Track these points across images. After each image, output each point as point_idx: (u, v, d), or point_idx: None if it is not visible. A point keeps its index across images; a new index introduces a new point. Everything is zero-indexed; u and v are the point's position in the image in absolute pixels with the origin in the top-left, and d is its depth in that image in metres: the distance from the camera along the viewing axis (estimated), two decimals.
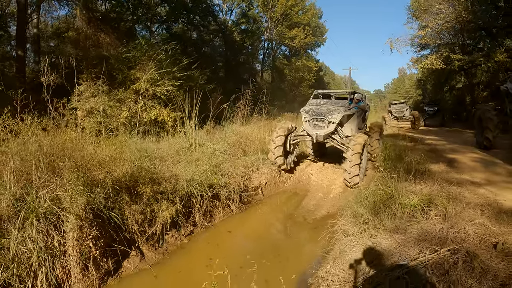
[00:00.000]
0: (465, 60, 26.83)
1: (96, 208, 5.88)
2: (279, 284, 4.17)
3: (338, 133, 11.80)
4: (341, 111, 11.55)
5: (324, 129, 11.44)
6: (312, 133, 11.69)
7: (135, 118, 13.11)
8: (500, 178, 9.29)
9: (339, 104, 12.41)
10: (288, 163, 12.54)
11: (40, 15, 23.20)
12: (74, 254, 5.37)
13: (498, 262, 4.33)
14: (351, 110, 12.28)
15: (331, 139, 11.86)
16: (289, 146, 12.48)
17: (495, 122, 13.36)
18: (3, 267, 4.72)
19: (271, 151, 12.03)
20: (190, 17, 30.74)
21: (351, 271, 4.90)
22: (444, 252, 4.49)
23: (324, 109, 11.77)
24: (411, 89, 70.79)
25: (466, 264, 4.22)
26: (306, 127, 11.98)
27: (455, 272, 4.07)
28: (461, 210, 6.09)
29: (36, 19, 22.18)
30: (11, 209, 5.36)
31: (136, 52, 15.53)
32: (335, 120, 11.34)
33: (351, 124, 12.55)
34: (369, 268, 4.77)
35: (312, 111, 11.78)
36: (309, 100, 13.46)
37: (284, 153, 12.13)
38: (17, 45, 18.95)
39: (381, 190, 7.02)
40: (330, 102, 12.96)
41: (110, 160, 7.18)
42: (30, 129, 6.69)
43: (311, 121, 11.68)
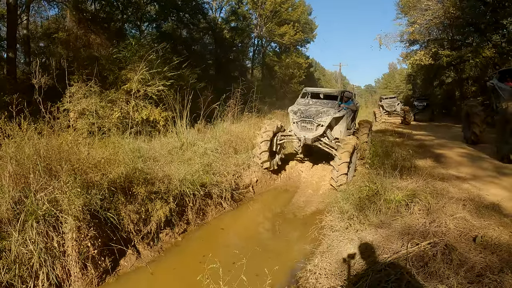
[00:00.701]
0: (453, 56, 27.02)
1: (93, 209, 6.04)
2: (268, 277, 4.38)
3: (327, 136, 11.39)
4: (330, 113, 11.10)
5: (312, 132, 11.09)
6: (300, 136, 11.28)
7: (127, 118, 13.20)
8: (485, 173, 9.57)
9: (329, 104, 11.88)
10: (273, 163, 12.05)
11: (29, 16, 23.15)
12: (73, 254, 5.53)
13: (476, 254, 4.58)
14: (340, 111, 11.77)
15: (319, 142, 11.39)
16: (275, 146, 12.04)
17: (482, 118, 13.65)
18: (5, 268, 4.89)
19: (256, 145, 11.62)
20: (180, 15, 30.78)
21: (338, 264, 5.11)
22: (425, 245, 4.75)
23: (313, 111, 11.31)
24: (402, 84, 70.99)
25: (444, 256, 4.48)
26: (294, 129, 11.56)
27: (433, 264, 4.33)
28: (444, 205, 6.34)
29: (26, 20, 22.14)
30: (11, 212, 5.51)
31: (126, 52, 15.62)
32: (324, 122, 10.95)
33: (340, 126, 11.96)
34: (355, 261, 5.00)
35: (301, 112, 11.35)
36: (297, 99, 13.00)
37: (269, 151, 11.64)
38: (7, 47, 18.85)
39: (367, 187, 7.24)
40: (319, 102, 12.39)
41: (106, 162, 7.35)
42: (27, 133, 6.83)
43: (299, 122, 11.32)
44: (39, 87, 8.08)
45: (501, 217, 6.00)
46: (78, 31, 19.61)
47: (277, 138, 12.06)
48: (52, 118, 8.01)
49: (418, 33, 29.62)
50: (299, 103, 12.46)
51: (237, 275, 4.34)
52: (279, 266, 4.91)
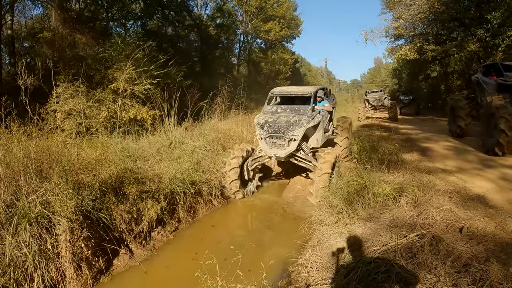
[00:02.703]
0: (438, 51, 27.16)
1: (85, 210, 6.09)
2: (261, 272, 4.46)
3: (302, 149, 10.20)
4: (303, 124, 9.70)
5: (284, 148, 9.69)
6: (270, 154, 9.95)
7: (114, 117, 13.21)
8: (471, 166, 9.74)
9: (300, 111, 10.37)
10: (247, 191, 10.76)
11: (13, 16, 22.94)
12: (67, 256, 5.57)
13: (463, 244, 4.72)
14: (315, 118, 10.33)
15: (294, 158, 10.14)
16: (247, 173, 10.75)
17: (466, 111, 13.89)
18: (0, 272, 4.93)
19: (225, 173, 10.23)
20: (165, 12, 30.78)
21: (328, 258, 5.22)
22: (413, 237, 4.88)
23: (283, 122, 9.83)
24: (387, 78, 71.18)
25: (432, 247, 4.61)
26: (263, 146, 10.14)
27: (421, 255, 4.46)
28: (431, 198, 6.48)
29: (10, 20, 21.94)
30: (3, 216, 5.53)
31: (112, 52, 15.64)
32: (297, 136, 9.55)
33: (317, 134, 10.62)
34: (345, 254, 5.12)
35: (268, 126, 9.88)
36: (264, 107, 11.41)
37: (241, 179, 10.45)
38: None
39: (355, 181, 7.36)
40: (289, 108, 10.73)
41: (96, 162, 7.39)
42: (16, 136, 6.84)
43: (267, 138, 9.88)
44: (25, 88, 8.10)
45: (486, 208, 6.15)
46: (64, 30, 19.48)
47: (247, 164, 10.75)
48: (40, 120, 8.02)
49: (403, 28, 29.75)
50: (266, 112, 10.89)
51: (231, 270, 4.43)
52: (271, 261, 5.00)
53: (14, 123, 7.23)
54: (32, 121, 7.96)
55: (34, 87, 9.05)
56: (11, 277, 4.99)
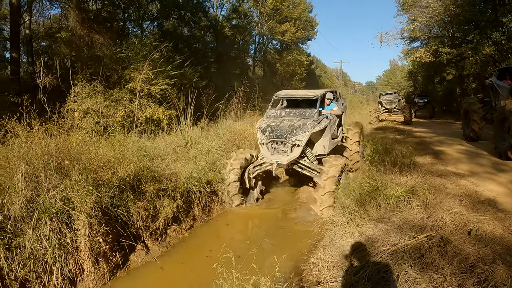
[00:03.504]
0: (453, 54, 27.11)
1: (104, 206, 6.30)
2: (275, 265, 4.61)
3: (307, 155, 9.62)
4: (308, 128, 9.04)
5: (287, 155, 9.10)
6: (271, 160, 9.38)
7: (130, 117, 13.43)
8: (483, 169, 9.76)
9: (306, 115, 9.74)
10: (251, 200, 10.32)
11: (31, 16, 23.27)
12: (86, 250, 5.78)
13: (470, 246, 4.81)
14: (321, 123, 9.65)
15: (297, 165, 9.57)
16: (248, 181, 10.19)
17: (480, 115, 13.86)
18: (21, 264, 5.14)
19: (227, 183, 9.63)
20: (181, 13, 30.86)
21: (339, 257, 5.35)
22: (421, 238, 4.99)
23: (286, 127, 9.21)
24: (403, 81, 70.70)
25: (440, 248, 4.72)
26: (264, 152, 9.60)
27: (429, 255, 4.58)
28: (441, 200, 6.57)
29: (28, 20, 22.28)
30: (24, 210, 5.75)
31: (130, 52, 15.85)
32: (300, 142, 8.92)
33: (323, 139, 9.91)
34: (355, 254, 5.24)
35: (270, 130, 9.28)
36: (267, 111, 10.75)
37: (241, 189, 9.90)
38: (11, 47, 19.04)
39: (367, 183, 7.47)
40: (293, 112, 10.10)
41: (115, 161, 7.60)
42: (37, 133, 7.05)
43: (269, 144, 9.31)
44: (43, 87, 8.26)
45: (496, 212, 6.24)
46: (81, 31, 19.76)
47: (249, 172, 10.22)
48: (60, 118, 8.22)
49: (418, 30, 29.73)
50: (269, 116, 10.32)
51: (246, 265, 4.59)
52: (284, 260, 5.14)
53: (35, 121, 7.42)
54: (52, 119, 8.16)
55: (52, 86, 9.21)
56: (30, 269, 5.19)
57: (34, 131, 7.03)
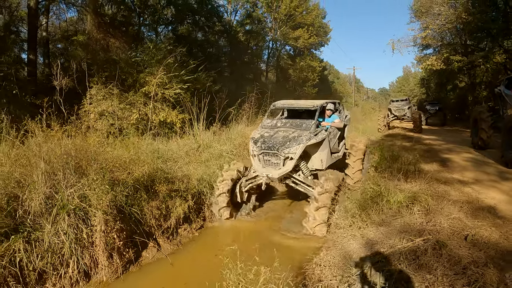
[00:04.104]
0: (464, 61, 27.16)
1: (119, 205, 6.64)
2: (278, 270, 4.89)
3: (301, 170, 8.87)
4: (303, 140, 8.35)
5: (278, 168, 8.35)
6: (261, 173, 8.61)
7: (144, 120, 13.77)
8: (488, 178, 9.88)
9: (302, 126, 9.05)
10: (243, 213, 9.63)
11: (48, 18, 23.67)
12: (101, 245, 6.11)
13: (465, 250, 5.08)
14: (319, 135, 8.97)
15: (291, 179, 8.85)
16: (240, 194, 9.42)
17: (489, 123, 13.93)
18: (39, 256, 5.49)
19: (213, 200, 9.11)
20: (196, 18, 31.08)
21: (341, 257, 5.59)
22: (418, 241, 5.27)
23: (280, 138, 8.54)
24: (416, 88, 70.27)
25: (435, 251, 5.01)
26: (255, 165, 8.81)
27: (424, 257, 4.88)
28: (442, 207, 6.83)
29: (45, 23, 22.68)
30: (43, 206, 6.10)
31: (144, 56, 16.17)
32: (293, 154, 8.19)
33: (321, 153, 9.16)
34: (356, 255, 5.51)
35: (263, 141, 8.57)
36: (263, 121, 10.15)
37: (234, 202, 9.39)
38: (28, 49, 19.37)
39: (371, 189, 7.71)
40: (290, 123, 9.40)
41: (130, 162, 7.95)
42: (56, 134, 7.39)
43: (260, 156, 8.57)
44: (60, 89, 8.67)
45: (494, 218, 6.47)
46: (98, 34, 20.16)
47: (241, 185, 9.44)
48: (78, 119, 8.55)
49: (430, 38, 29.81)
50: (264, 126, 9.65)
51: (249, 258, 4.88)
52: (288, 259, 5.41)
53: (55, 122, 7.76)
54: (70, 120, 8.49)
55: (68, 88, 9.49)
56: (48, 261, 5.57)
57: (54, 132, 7.37)
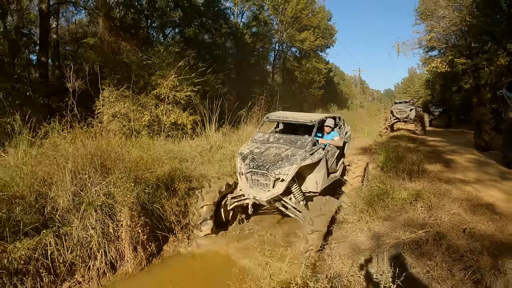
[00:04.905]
0: (468, 64, 27.59)
1: (142, 201, 7.13)
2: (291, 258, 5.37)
3: (293, 194, 7.75)
4: (297, 160, 7.36)
5: (268, 190, 7.36)
6: (248, 195, 7.67)
7: (156, 121, 14.25)
8: (489, 177, 10.33)
9: (297, 143, 7.97)
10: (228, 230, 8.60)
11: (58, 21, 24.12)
12: (127, 239, 6.59)
13: (463, 241, 5.62)
14: (314, 155, 7.89)
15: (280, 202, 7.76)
16: (224, 213, 8.37)
17: (491, 125, 14.34)
18: (69, 249, 5.99)
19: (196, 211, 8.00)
20: (203, 20, 31.58)
21: (350, 249, 6.05)
22: (420, 233, 5.77)
23: (271, 156, 7.60)
24: (421, 89, 70.27)
25: (435, 241, 5.54)
26: (241, 184, 7.86)
27: (425, 247, 5.42)
28: (444, 203, 7.35)
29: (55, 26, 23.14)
30: (71, 203, 6.60)
31: (155, 59, 16.62)
32: (285, 176, 7.21)
33: (316, 174, 8.10)
34: (364, 246, 5.99)
35: (252, 159, 7.62)
36: (254, 135, 8.98)
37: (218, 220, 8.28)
38: (40, 52, 19.92)
39: (377, 187, 8.17)
40: (283, 139, 8.31)
41: (152, 161, 8.46)
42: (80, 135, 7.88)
43: (248, 174, 7.57)
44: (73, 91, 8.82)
45: (492, 214, 6.97)
46: (109, 38, 20.63)
47: (225, 202, 8.37)
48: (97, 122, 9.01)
49: (435, 40, 30.15)
50: (255, 140, 8.60)
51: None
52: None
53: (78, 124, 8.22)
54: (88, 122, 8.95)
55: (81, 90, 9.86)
56: (77, 254, 6.06)
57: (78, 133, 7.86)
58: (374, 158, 12.44)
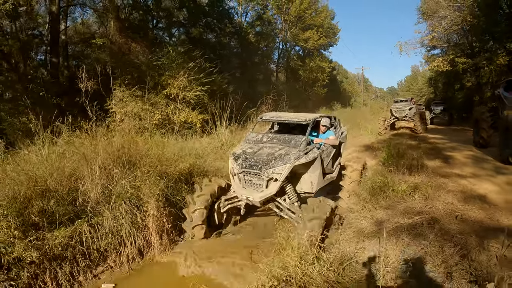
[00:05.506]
0: (469, 63, 28.20)
1: (166, 194, 7.85)
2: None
3: (288, 194, 7.61)
4: (290, 159, 7.15)
5: (261, 190, 7.23)
6: (240, 195, 7.56)
7: (166, 120, 14.87)
8: (485, 172, 11.04)
9: (291, 143, 7.75)
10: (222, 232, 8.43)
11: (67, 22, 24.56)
12: (154, 227, 7.29)
13: (454, 225, 6.43)
14: (309, 154, 7.63)
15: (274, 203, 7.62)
16: (217, 216, 8.24)
17: (489, 123, 15.00)
18: (102, 238, 6.69)
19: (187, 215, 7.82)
20: (208, 20, 32.16)
21: (354, 234, 6.77)
22: (417, 219, 6.54)
23: (264, 156, 7.41)
24: (424, 87, 70.20)
25: (429, 225, 6.36)
26: (234, 185, 7.75)
27: (420, 229, 6.23)
28: (440, 194, 8.17)
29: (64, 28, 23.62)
30: (101, 195, 7.33)
31: (165, 60, 17.23)
32: (278, 175, 7.06)
33: (311, 174, 7.78)
34: (368, 230, 6.72)
35: (244, 159, 7.46)
36: (247, 134, 8.89)
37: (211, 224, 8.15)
38: (51, 53, 20.58)
39: (379, 179, 8.89)
40: (277, 139, 8.10)
41: (174, 158, 9.18)
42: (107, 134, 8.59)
43: (241, 175, 7.43)
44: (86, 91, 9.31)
45: (483, 203, 7.76)
46: (120, 39, 21.23)
47: (218, 205, 8.21)
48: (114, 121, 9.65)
49: (437, 39, 30.62)
50: (248, 141, 8.42)
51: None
52: None
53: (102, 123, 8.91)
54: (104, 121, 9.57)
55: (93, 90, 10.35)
56: (109, 241, 6.74)
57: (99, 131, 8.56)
58: (376, 155, 13.09)
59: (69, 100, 16.82)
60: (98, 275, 6.59)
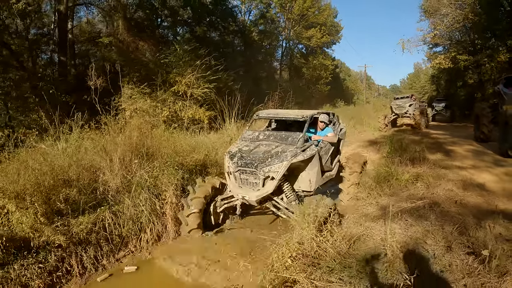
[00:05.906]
0: (470, 60, 28.57)
1: (181, 183, 8.30)
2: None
3: (285, 193, 7.42)
4: (287, 157, 6.94)
5: (257, 189, 7.07)
6: (236, 195, 7.47)
7: (174, 116, 15.27)
8: (484, 164, 11.54)
9: (288, 140, 7.53)
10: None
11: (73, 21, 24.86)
12: (171, 214, 7.76)
13: (454, 209, 7.02)
14: (306, 151, 7.38)
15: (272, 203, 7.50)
16: (214, 215, 8.17)
17: (489, 118, 15.49)
18: (123, 224, 7.15)
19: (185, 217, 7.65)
20: (212, 19, 32.34)
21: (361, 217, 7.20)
22: (419, 203, 7.06)
23: (260, 154, 7.21)
24: (427, 84, 70.09)
25: (431, 208, 6.90)
26: (230, 184, 7.58)
27: (422, 211, 6.77)
28: (441, 183, 8.71)
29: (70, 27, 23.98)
30: (120, 185, 7.80)
31: (172, 58, 17.58)
32: (275, 173, 6.85)
33: (309, 171, 7.50)
34: (373, 215, 7.22)
35: (240, 157, 7.27)
36: (243, 132, 8.63)
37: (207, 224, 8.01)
38: (59, 51, 20.91)
39: (384, 170, 9.42)
40: (274, 136, 7.87)
41: (190, 150, 9.66)
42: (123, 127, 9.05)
43: (237, 173, 7.27)
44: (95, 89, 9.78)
45: (481, 191, 8.36)
46: (128, 38, 21.61)
47: (214, 205, 8.10)
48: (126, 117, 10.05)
49: (439, 37, 30.94)
50: (244, 138, 8.21)
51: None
52: None
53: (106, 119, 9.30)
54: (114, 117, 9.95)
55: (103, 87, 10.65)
56: (129, 228, 7.21)
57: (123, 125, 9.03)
58: (379, 149, 13.55)
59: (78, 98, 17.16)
60: (120, 259, 6.99)
